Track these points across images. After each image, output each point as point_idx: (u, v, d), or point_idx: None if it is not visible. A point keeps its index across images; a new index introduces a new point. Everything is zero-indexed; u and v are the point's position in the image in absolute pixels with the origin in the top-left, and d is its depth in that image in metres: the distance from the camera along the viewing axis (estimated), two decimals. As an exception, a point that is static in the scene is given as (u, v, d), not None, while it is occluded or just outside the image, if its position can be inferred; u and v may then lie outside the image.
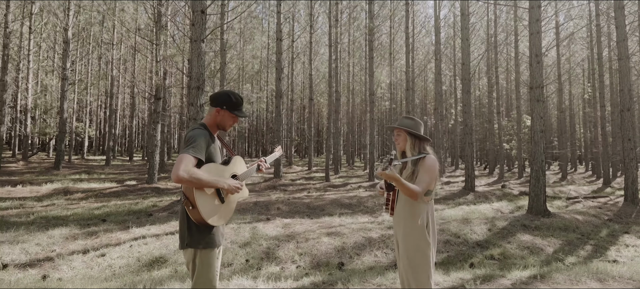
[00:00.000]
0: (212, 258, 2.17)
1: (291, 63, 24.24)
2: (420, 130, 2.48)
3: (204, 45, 8.42)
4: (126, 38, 22.34)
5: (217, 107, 2.27)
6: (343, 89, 32.96)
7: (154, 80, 10.53)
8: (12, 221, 6.55)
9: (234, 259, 5.29)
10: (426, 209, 2.35)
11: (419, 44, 31.57)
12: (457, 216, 8.59)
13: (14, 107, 22.70)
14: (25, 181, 11.67)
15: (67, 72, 16.17)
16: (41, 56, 23.89)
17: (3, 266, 4.70)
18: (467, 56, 12.42)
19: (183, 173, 1.93)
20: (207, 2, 8.17)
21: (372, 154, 15.86)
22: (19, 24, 20.05)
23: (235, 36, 21.01)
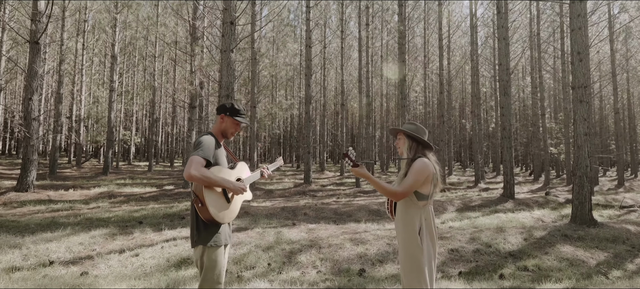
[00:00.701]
0: (218, 256, 2.27)
1: (323, 68, 24.44)
2: (420, 134, 2.43)
3: (233, 55, 8.74)
4: (168, 51, 23.78)
5: (221, 114, 2.42)
6: (376, 93, 32.62)
7: (189, 89, 11.14)
8: (61, 222, 7.16)
9: (257, 262, 5.38)
10: (420, 214, 2.29)
11: (455, 44, 30.53)
12: (490, 225, 8.14)
13: (70, 117, 24.93)
14: (76, 186, 12.73)
15: (114, 84, 17.51)
16: (93, 70, 26.07)
17: (50, 263, 5.14)
18: (504, 56, 11.81)
19: (195, 172, 2.10)
20: (235, 14, 8.49)
21: (403, 159, 15.49)
22: (74, 41, 22.06)
23: (268, 44, 21.60)
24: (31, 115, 10.07)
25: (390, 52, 27.24)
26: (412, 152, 2.41)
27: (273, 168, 2.80)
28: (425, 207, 2.30)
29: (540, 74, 17.88)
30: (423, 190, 2.29)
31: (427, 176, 2.28)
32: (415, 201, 2.29)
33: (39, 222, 7.15)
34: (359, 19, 15.85)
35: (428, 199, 2.31)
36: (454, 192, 14.90)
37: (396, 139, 2.56)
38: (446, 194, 13.78)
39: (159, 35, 20.94)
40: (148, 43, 26.22)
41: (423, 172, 2.27)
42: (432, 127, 25.51)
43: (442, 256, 5.82)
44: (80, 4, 20.61)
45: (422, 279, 2.21)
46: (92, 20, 24.75)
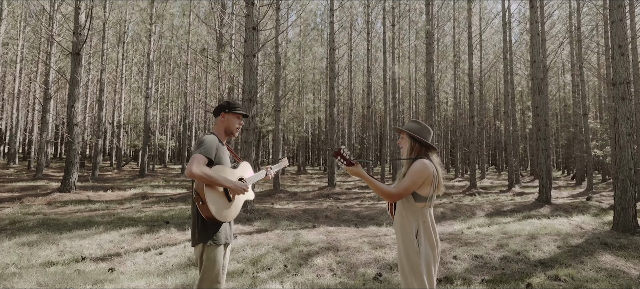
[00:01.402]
0: (217, 254, 2.29)
1: (349, 71, 24.35)
2: (425, 135, 2.34)
3: (255, 60, 8.92)
4: (200, 58, 24.79)
5: (221, 113, 2.45)
6: (404, 94, 32.00)
7: (217, 94, 11.53)
8: (96, 221, 7.62)
9: (273, 263, 5.43)
10: (418, 216, 2.20)
11: (487, 42, 29.33)
12: (521, 231, 7.70)
13: (112, 123, 26.58)
14: (114, 187, 13.52)
15: (149, 91, 18.49)
16: (132, 78, 27.70)
17: (82, 259, 5.48)
18: (538, 53, 11.18)
19: (196, 169, 2.11)
20: (257, 20, 8.67)
21: (431, 162, 15.06)
22: (115, 52, 23.55)
23: (294, 48, 21.90)
24: (73, 121, 10.82)
25: (419, 52, 26.66)
26: (414, 152, 2.33)
27: (277, 169, 2.80)
28: (423, 209, 2.22)
29: (581, 70, 16.71)
30: (422, 192, 2.21)
31: (426, 178, 2.20)
32: (412, 203, 2.21)
33: (76, 220, 7.65)
34: (383, 20, 15.65)
35: (427, 202, 2.22)
36: (485, 196, 14.25)
37: (399, 138, 2.49)
38: (476, 199, 13.21)
39: (190, 43, 21.87)
40: (182, 51, 27.44)
41: (421, 174, 2.19)
42: (463, 128, 24.61)
43: (465, 262, 5.58)
44: (120, 17, 21.98)
45: (419, 283, 2.13)
46: (131, 32, 26.32)
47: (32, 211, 8.82)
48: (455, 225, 8.62)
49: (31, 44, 24.58)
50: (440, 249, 2.38)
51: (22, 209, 8.97)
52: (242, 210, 8.51)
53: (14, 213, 8.43)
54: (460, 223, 8.80)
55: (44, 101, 17.13)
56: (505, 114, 16.09)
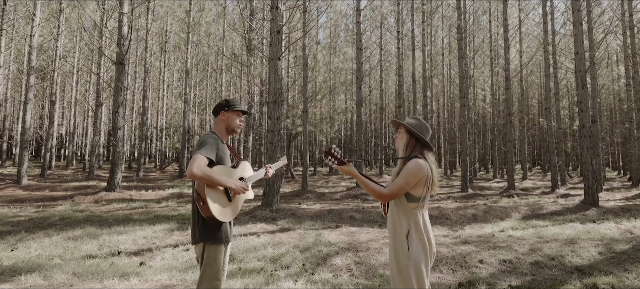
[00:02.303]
0: (218, 253, 2.37)
1: (380, 69, 24.06)
2: (423, 133, 2.28)
3: (280, 63, 9.13)
4: (235, 64, 25.73)
5: (220, 112, 2.53)
6: (439, 93, 31.00)
7: (247, 98, 11.95)
8: (134, 218, 8.19)
9: (292, 262, 5.53)
10: (409, 217, 2.16)
11: (530, 35, 27.63)
12: (559, 235, 7.19)
13: (156, 127, 28.32)
14: (155, 187, 14.41)
15: (188, 97, 19.51)
16: (173, 84, 29.38)
17: (118, 253, 5.94)
18: (580, 44, 10.39)
19: (197, 170, 2.16)
20: (281, 24, 8.86)
21: (465, 162, 14.48)
22: (158, 60, 25.11)
23: (323, 50, 22.05)
24: (117, 126, 11.69)
25: (452, 49, 25.71)
26: (409, 150, 2.29)
27: (276, 167, 2.83)
28: (415, 210, 2.18)
29: (634, 60, 15.23)
30: (414, 192, 2.17)
31: (420, 179, 2.16)
32: (405, 203, 2.18)
33: (117, 217, 8.27)
34: (411, 17, 15.30)
35: (419, 202, 2.18)
36: (524, 198, 13.42)
37: (396, 133, 2.45)
38: (513, 200, 12.49)
39: (224, 50, 22.76)
40: (218, 57, 28.64)
41: (416, 174, 2.14)
42: (501, 126, 23.35)
43: (491, 267, 5.34)
44: (161, 28, 23.42)
45: (407, 284, 2.10)
46: (173, 41, 27.89)
47: (81, 208, 9.66)
48: (485, 228, 8.23)
49: (85, 56, 26.85)
50: (435, 251, 2.32)
51: (72, 207, 9.85)
52: (267, 209, 8.72)
53: (65, 210, 9.28)
54: (492, 225, 8.39)
55: (95, 107, 18.66)
56: (546, 110, 15.07)
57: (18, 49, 24.34)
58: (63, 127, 33.35)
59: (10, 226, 7.30)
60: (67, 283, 3.96)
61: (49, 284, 3.92)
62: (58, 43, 18.97)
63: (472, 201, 12.66)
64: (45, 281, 3.99)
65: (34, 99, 28.04)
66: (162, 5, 21.48)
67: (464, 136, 14.26)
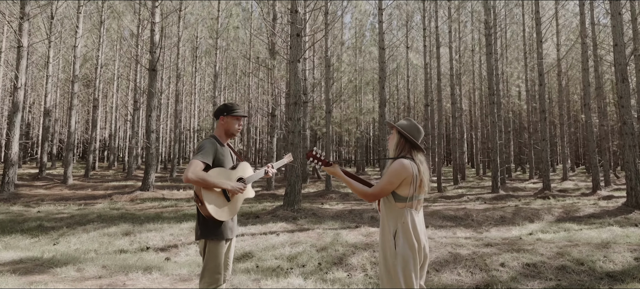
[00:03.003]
0: (218, 249, 2.51)
1: (406, 68, 23.67)
2: (414, 134, 2.30)
3: (300, 65, 9.27)
4: (261, 67, 26.35)
5: (220, 116, 2.67)
6: (469, 91, 29.94)
7: (270, 100, 12.23)
8: (164, 216, 8.65)
9: (308, 261, 5.63)
10: (397, 217, 2.17)
11: (567, 28, 26.01)
12: (593, 239, 6.77)
13: (189, 129, 29.58)
14: (186, 187, 15.08)
15: (216, 99, 20.24)
16: (205, 88, 30.59)
17: (147, 248, 6.32)
18: (619, 35, 9.69)
19: (191, 175, 2.31)
20: (300, 27, 9.00)
21: (495, 162, 13.92)
22: (190, 66, 26.24)
23: (348, 50, 22.02)
24: (150, 129, 12.37)
25: (483, 45, 24.74)
26: (399, 150, 2.30)
27: (279, 165, 2.90)
28: (403, 210, 2.18)
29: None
30: (401, 192, 2.18)
31: (405, 179, 2.16)
32: (392, 203, 2.20)
33: (148, 215, 8.77)
34: (436, 14, 14.92)
35: (407, 202, 2.18)
36: (561, 199, 12.68)
37: (389, 134, 2.49)
38: (548, 202, 11.84)
39: (252, 53, 23.36)
40: (245, 62, 29.43)
41: (399, 174, 2.16)
42: (535, 124, 22.16)
43: (512, 270, 5.15)
44: (192, 34, 24.46)
45: (394, 283, 2.11)
46: (204, 46, 29.05)
47: (117, 206, 10.34)
48: (513, 230, 7.90)
49: (124, 64, 28.59)
50: (427, 252, 2.31)
51: (109, 205, 10.56)
52: (289, 209, 8.89)
53: (103, 208, 9.97)
54: (520, 228, 8.04)
55: (133, 111, 19.84)
56: (585, 106, 14.16)
57: (66, 59, 26.38)
58: (106, 130, 35.68)
59: (54, 222, 7.97)
60: (96, 275, 4.29)
61: (81, 276, 4.26)
62: (99, 52, 20.35)
63: (502, 202, 12.14)
64: (77, 273, 4.35)
65: (79, 105, 30.14)
66: (192, 13, 22.44)
67: (494, 134, 13.72)
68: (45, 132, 19.04)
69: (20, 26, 12.04)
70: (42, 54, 24.75)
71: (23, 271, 4.35)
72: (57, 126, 33.09)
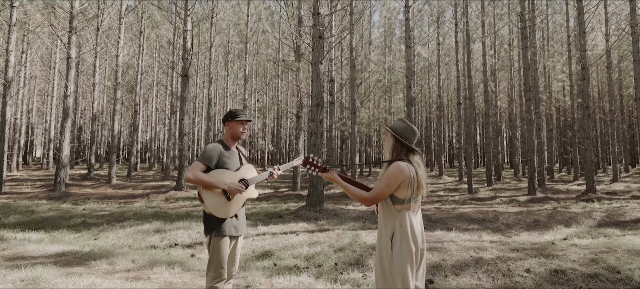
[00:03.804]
0: (221, 244, 2.66)
1: (438, 66, 23.01)
2: (408, 136, 2.29)
3: (322, 67, 9.36)
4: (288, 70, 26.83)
5: (226, 122, 2.83)
6: (507, 87, 28.50)
7: (296, 102, 12.45)
8: (193, 215, 9.09)
9: (325, 261, 5.69)
10: (394, 219, 2.17)
11: (620, 15, 23.99)
12: (637, 245, 6.23)
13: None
14: (217, 186, 15.72)
15: (246, 102, 20.86)
16: (237, 91, 31.62)
17: (175, 245, 6.69)
18: (672, 21, 8.83)
19: (190, 175, 2.53)
20: (321, 29, 9.09)
21: (532, 162, 13.19)
22: (223, 70, 27.25)
23: (376, 49, 21.80)
24: (183, 131, 13.01)
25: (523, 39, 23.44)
26: (395, 153, 2.31)
27: (286, 167, 2.99)
28: (401, 212, 2.19)
29: None
30: (399, 194, 2.19)
31: (402, 181, 2.17)
32: (390, 206, 2.21)
33: (179, 214, 9.26)
34: (466, 9, 14.38)
35: (404, 204, 2.19)
36: (606, 203, 11.74)
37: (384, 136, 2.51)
38: (590, 205, 11.01)
39: (281, 56, 23.81)
40: (275, 65, 30.05)
41: (396, 177, 2.17)
42: (581, 121, 20.63)
43: (538, 277, 4.92)
44: (224, 40, 25.38)
45: (390, 285, 2.13)
46: (237, 50, 30.06)
47: (153, 205, 11.00)
48: (545, 235, 7.47)
49: (163, 70, 30.26)
50: (424, 255, 2.30)
51: (146, 204, 11.26)
52: (311, 210, 8.99)
53: (140, 206, 10.65)
54: (554, 232, 7.58)
55: (170, 115, 20.97)
56: (637, 100, 13.02)
57: (112, 68, 28.40)
58: (147, 133, 37.93)
59: (96, 219, 8.65)
60: (125, 268, 4.63)
61: (112, 268, 4.63)
62: (139, 60, 21.71)
63: (538, 205, 11.47)
64: (109, 266, 4.72)
65: (123, 109, 32.23)
66: (224, 19, 23.29)
67: (530, 133, 13.00)
68: (93, 136, 20.62)
69: (69, 39, 13.15)
70: (90, 63, 26.84)
71: (63, 263, 4.79)
72: (104, 130, 35.69)
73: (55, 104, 25.50)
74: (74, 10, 13.04)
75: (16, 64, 22.29)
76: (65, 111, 13.21)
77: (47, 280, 3.91)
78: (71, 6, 12.97)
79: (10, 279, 3.94)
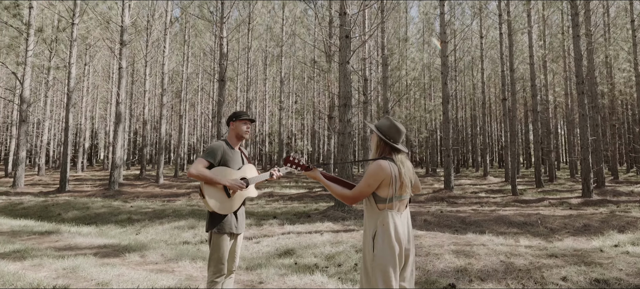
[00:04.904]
0: (221, 241, 2.77)
1: (481, 60, 21.82)
2: (392, 134, 2.23)
3: (349, 66, 9.31)
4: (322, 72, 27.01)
5: (230, 122, 2.93)
6: (562, 79, 26.24)
7: (327, 102, 12.50)
8: (226, 213, 9.48)
9: (345, 261, 5.65)
10: (377, 218, 2.12)
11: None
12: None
13: (261, 133, 31.67)
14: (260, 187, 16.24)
15: (282, 104, 21.36)
16: (275, 93, 32.48)
17: (205, 241, 7.03)
18: None
19: (193, 170, 2.63)
20: (348, 28, 9.04)
21: (586, 161, 12.03)
22: (262, 74, 28.13)
23: (411, 46, 21.19)
24: (220, 134, 13.61)
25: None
26: (379, 151, 2.26)
27: (286, 170, 3.05)
28: (384, 211, 2.14)
29: None
30: (380, 193, 2.14)
31: (383, 180, 2.12)
32: (373, 204, 2.17)
33: (214, 212, 9.70)
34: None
35: (386, 203, 2.13)
36: (678, 207, 10.33)
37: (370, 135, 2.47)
38: (656, 209, 9.76)
39: (315, 58, 24.03)
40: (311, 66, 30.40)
41: (376, 175, 2.12)
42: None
43: (575, 285, 4.51)
44: (262, 44, 26.20)
45: (372, 284, 2.08)
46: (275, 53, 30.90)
47: (192, 203, 11.64)
48: (594, 241, 6.78)
49: (207, 76, 31.92)
50: (410, 254, 2.22)
51: (186, 202, 11.94)
52: (339, 210, 8.97)
53: (181, 205, 11.33)
54: (604, 238, 6.85)
55: (212, 118, 22.07)
56: None
57: (159, 76, 30.54)
58: (194, 136, 40.24)
59: (140, 215, 9.35)
60: (154, 261, 4.96)
61: (142, 261, 4.98)
62: (183, 67, 23.10)
63: (592, 208, 10.41)
64: (141, 258, 5.08)
65: (170, 114, 34.44)
66: (260, 24, 24.02)
67: (583, 129, 11.87)
68: (143, 139, 22.31)
69: (120, 51, 14.36)
70: (143, 72, 29.09)
71: (102, 254, 5.25)
72: (156, 134, 38.44)
73: (113, 110, 27.97)
74: (124, 25, 14.21)
75: (80, 76, 24.81)
76: (117, 117, 14.43)
77: (85, 269, 4.31)
78: (121, 21, 14.14)
79: (54, 267, 4.40)
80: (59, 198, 13.04)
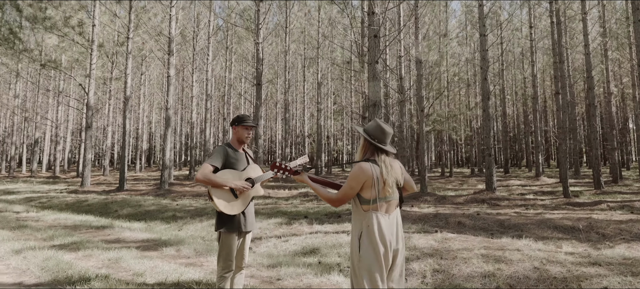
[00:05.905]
0: (229, 240, 2.96)
1: (532, 53, 20.34)
2: (377, 135, 2.26)
3: (378, 66, 9.24)
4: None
5: (233, 126, 3.12)
6: (622, 73, 23.59)
7: (360, 102, 12.48)
8: (260, 212, 9.86)
9: (368, 262, 5.66)
10: (362, 219, 2.16)
11: None
12: None
13: (302, 134, 32.24)
14: (291, 187, 16.62)
15: (320, 105, 21.60)
16: (314, 96, 32.97)
17: (238, 238, 7.41)
18: None
19: (199, 175, 2.84)
20: (376, 28, 8.98)
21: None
22: (301, 76, 28.72)
23: (452, 41, 20.29)
24: (257, 136, 14.14)
25: None
26: (364, 153, 2.31)
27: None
28: (369, 212, 2.18)
29: None
30: (364, 194, 2.18)
31: (365, 181, 2.16)
32: (358, 206, 2.22)
33: (249, 211, 10.13)
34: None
35: (371, 204, 2.17)
36: None
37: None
38: None
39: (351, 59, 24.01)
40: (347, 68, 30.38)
41: (357, 177, 2.17)
42: None
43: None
44: (300, 47, 26.74)
45: (358, 284, 2.14)
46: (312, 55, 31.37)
47: (231, 202, 12.24)
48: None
49: (248, 81, 33.24)
50: (398, 255, 2.24)
51: (226, 201, 12.58)
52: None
53: (220, 203, 11.96)
54: (665, 246, 6.10)
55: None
56: None
57: (204, 82, 32.41)
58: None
59: (184, 213, 10.06)
60: (187, 255, 5.36)
61: (176, 254, 5.40)
62: (227, 72, 24.30)
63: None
64: (175, 252, 5.52)
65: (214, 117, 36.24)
66: (297, 28, 24.52)
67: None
68: (192, 141, 23.84)
69: (168, 61, 15.51)
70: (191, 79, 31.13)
71: (143, 248, 5.77)
72: (202, 136, 40.85)
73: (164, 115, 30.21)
74: (171, 36, 15.34)
75: (137, 85, 27.12)
76: (166, 122, 15.60)
77: (126, 261, 4.79)
78: (169, 32, 15.26)
79: (101, 258, 4.94)
80: (118, 196, 14.42)
